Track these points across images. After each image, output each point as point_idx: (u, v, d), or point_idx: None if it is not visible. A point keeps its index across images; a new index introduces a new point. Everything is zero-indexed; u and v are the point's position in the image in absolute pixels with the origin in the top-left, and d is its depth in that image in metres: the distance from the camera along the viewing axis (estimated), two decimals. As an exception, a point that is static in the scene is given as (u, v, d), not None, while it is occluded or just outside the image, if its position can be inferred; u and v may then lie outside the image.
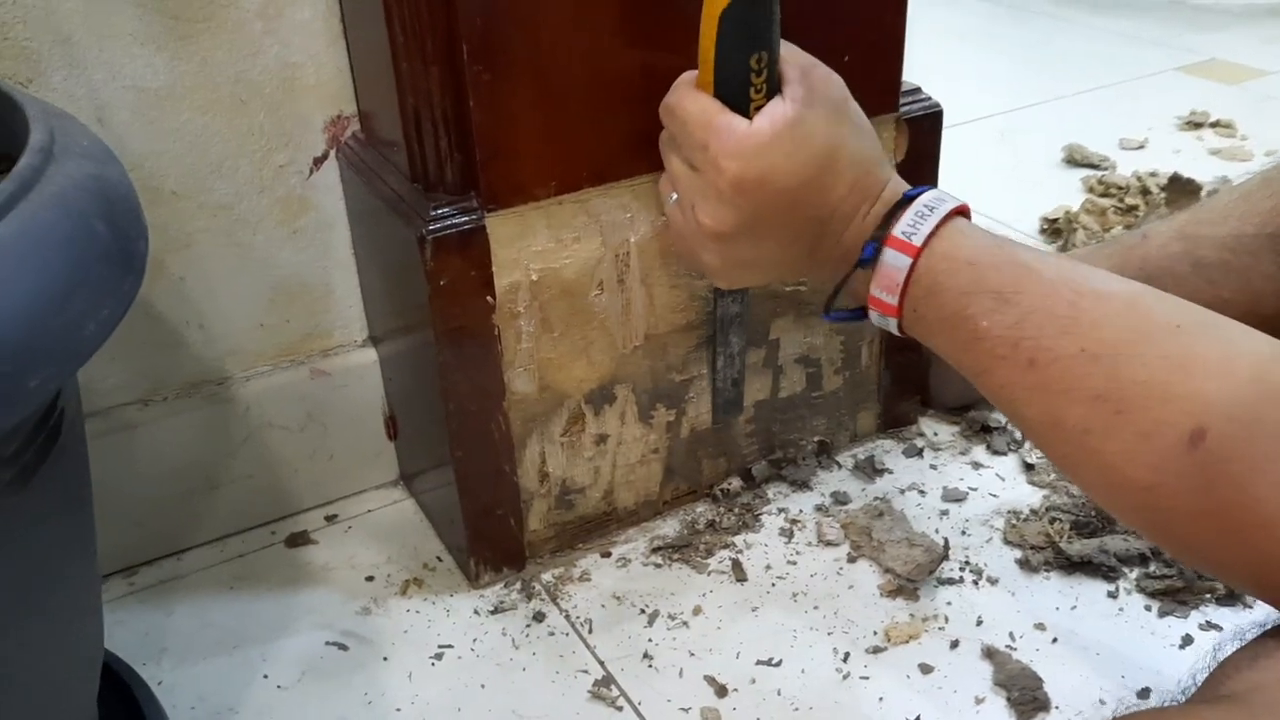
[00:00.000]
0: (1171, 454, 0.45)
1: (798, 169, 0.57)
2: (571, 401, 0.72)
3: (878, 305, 0.58)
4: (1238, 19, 1.78)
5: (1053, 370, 0.49)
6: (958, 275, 0.54)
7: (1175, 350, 0.47)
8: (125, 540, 0.77)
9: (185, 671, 0.70)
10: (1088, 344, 0.49)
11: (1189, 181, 1.14)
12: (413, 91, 0.62)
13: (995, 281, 0.53)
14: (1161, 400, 0.46)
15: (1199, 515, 0.45)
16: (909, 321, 0.57)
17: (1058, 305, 0.51)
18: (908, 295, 0.56)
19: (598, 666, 0.68)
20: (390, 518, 0.82)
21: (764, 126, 0.57)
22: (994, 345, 0.52)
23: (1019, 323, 0.51)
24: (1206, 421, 0.44)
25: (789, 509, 0.79)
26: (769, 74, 0.58)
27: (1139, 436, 0.46)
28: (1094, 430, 0.48)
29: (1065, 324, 0.50)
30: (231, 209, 0.73)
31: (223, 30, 0.68)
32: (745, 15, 0.57)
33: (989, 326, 0.52)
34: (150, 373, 0.75)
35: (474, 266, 0.65)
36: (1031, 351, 0.50)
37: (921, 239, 0.55)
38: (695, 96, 0.59)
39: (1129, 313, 0.50)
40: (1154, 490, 0.46)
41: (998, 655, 0.67)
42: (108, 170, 0.45)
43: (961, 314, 0.53)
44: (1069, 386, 0.49)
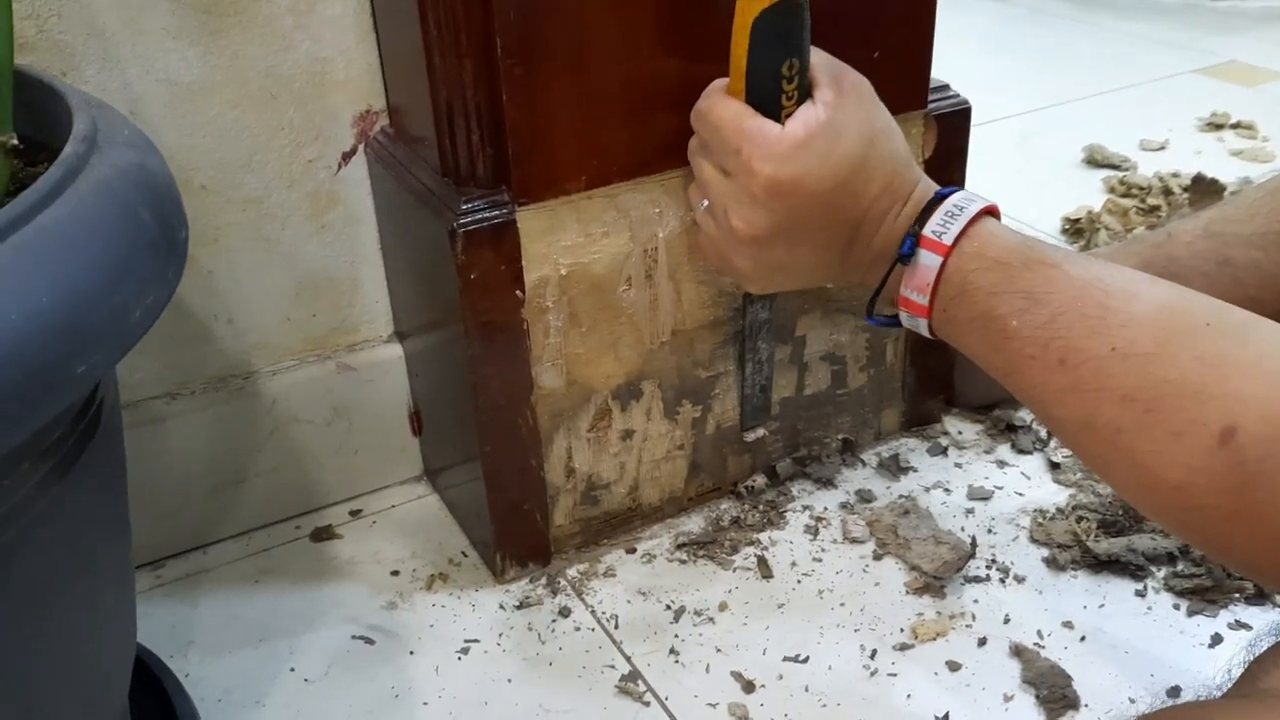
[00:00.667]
0: (1203, 453, 0.45)
1: (831, 171, 0.58)
2: (599, 397, 0.72)
3: (908, 306, 0.58)
4: (1256, 22, 1.78)
5: (1083, 370, 0.49)
6: (988, 274, 0.54)
7: (1207, 350, 0.47)
8: (152, 533, 0.77)
9: (212, 664, 0.70)
10: (1118, 343, 0.49)
11: (1213, 182, 1.14)
12: (445, 85, 0.63)
13: (1025, 281, 0.53)
14: (1194, 400, 0.46)
15: (1232, 516, 0.44)
16: (939, 322, 0.58)
17: (1088, 305, 0.51)
18: (938, 295, 0.56)
19: (624, 662, 0.68)
20: (414, 513, 0.82)
21: (797, 130, 0.58)
22: (1024, 345, 0.52)
23: (1049, 322, 0.51)
24: (1238, 420, 0.44)
25: (814, 506, 0.79)
26: (800, 80, 0.59)
27: (1171, 435, 0.46)
28: (1125, 430, 0.48)
29: (1095, 324, 0.50)
30: (260, 203, 0.73)
31: (254, 25, 0.68)
32: (778, 24, 0.58)
33: (1019, 326, 0.52)
34: (178, 366, 0.75)
35: (504, 260, 0.65)
36: (1062, 351, 0.50)
37: (951, 238, 0.56)
38: (727, 102, 0.60)
39: (1159, 312, 0.50)
40: (1186, 490, 0.46)
41: (1026, 653, 0.67)
42: (149, 159, 0.45)
43: (991, 314, 0.54)
44: (1100, 386, 0.49)
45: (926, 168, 0.76)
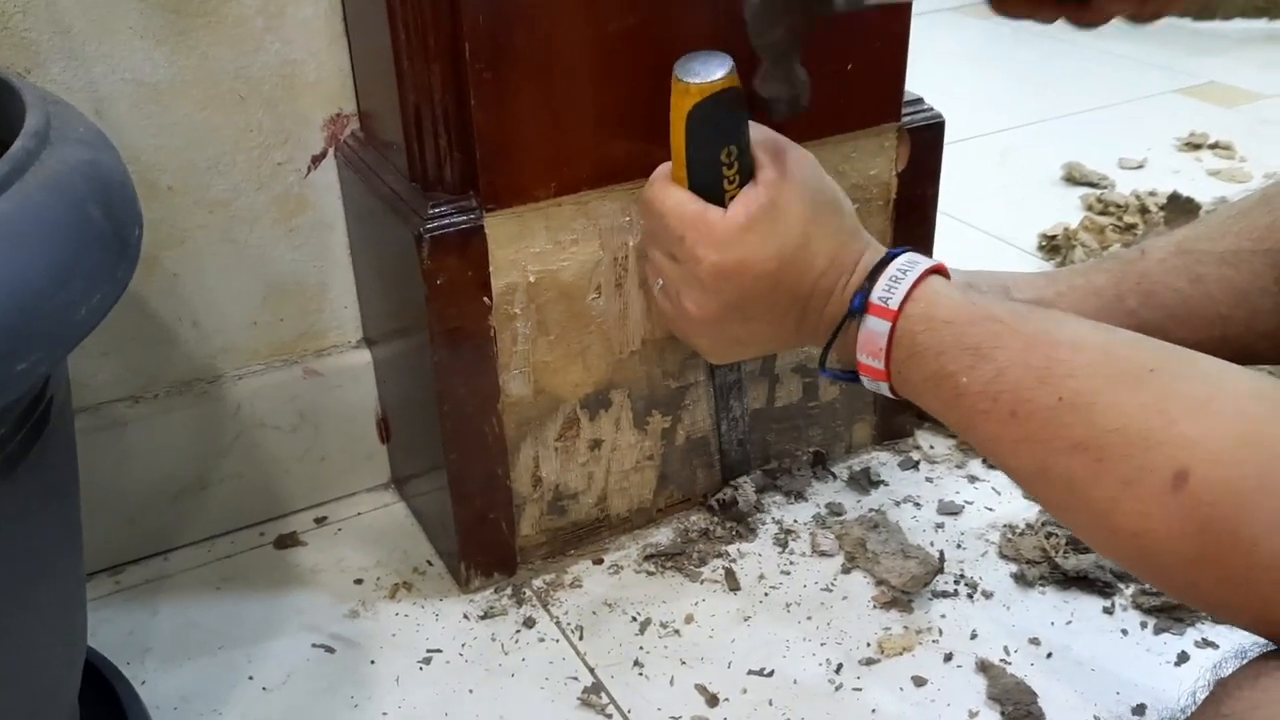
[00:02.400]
0: (1156, 499, 0.45)
1: (775, 252, 0.59)
2: (567, 406, 0.72)
3: (866, 371, 0.59)
4: (1236, 44, 1.79)
5: (1034, 422, 0.50)
6: (935, 335, 0.55)
7: (1151, 395, 0.47)
8: (112, 538, 0.76)
9: (169, 672, 0.69)
10: (1065, 393, 0.49)
11: (1188, 200, 1.14)
12: (414, 89, 0.62)
13: (972, 338, 0.54)
14: (1142, 447, 0.46)
15: (1194, 560, 0.44)
16: (897, 384, 0.59)
17: (1034, 357, 0.51)
18: (892, 358, 0.57)
19: (587, 673, 0.67)
20: (381, 521, 0.81)
21: (739, 214, 0.59)
22: (975, 400, 0.53)
23: (997, 376, 0.52)
24: (1189, 464, 0.44)
25: (783, 519, 0.79)
26: (740, 164, 0.60)
27: (1122, 484, 0.46)
28: (1078, 479, 0.48)
29: (1041, 374, 0.50)
30: (228, 206, 0.72)
31: (223, 26, 0.68)
32: (712, 115, 0.59)
33: (969, 382, 0.53)
34: (142, 369, 0.74)
35: (471, 267, 0.65)
36: (1012, 404, 0.51)
37: (897, 302, 0.57)
38: (670, 190, 0.61)
39: (1104, 360, 0.50)
40: (1143, 536, 0.46)
41: (992, 669, 0.66)
42: (103, 157, 0.45)
43: (942, 372, 0.54)
44: (1051, 436, 0.49)
45: (900, 181, 0.76)
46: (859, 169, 0.74)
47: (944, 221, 0.85)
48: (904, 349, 0.56)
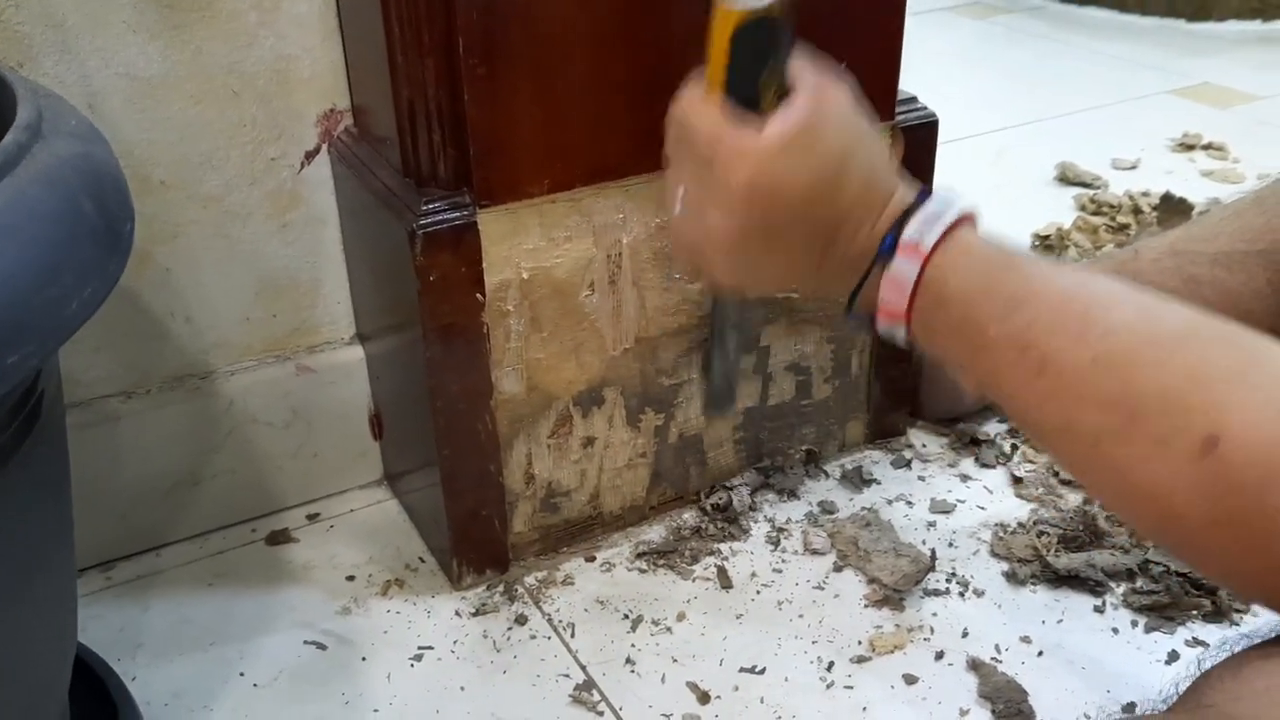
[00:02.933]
0: (1185, 461, 0.44)
1: (807, 178, 0.56)
2: (560, 403, 0.72)
3: (885, 313, 0.57)
4: (1230, 45, 1.79)
5: (1065, 377, 0.49)
6: (968, 281, 0.53)
7: (1190, 358, 0.46)
8: (104, 534, 0.76)
9: (160, 668, 0.69)
10: (1099, 352, 0.48)
11: (1181, 201, 1.14)
12: (408, 85, 0.62)
13: (1005, 287, 0.52)
14: (1178, 408, 0.45)
15: (1213, 524, 0.44)
16: (917, 329, 0.56)
17: (1069, 313, 0.50)
18: (915, 302, 0.55)
19: (579, 671, 0.67)
20: (373, 517, 0.81)
21: (774, 136, 0.56)
22: (1003, 352, 0.51)
23: (1028, 328, 0.50)
24: (1221, 430, 0.43)
25: (776, 517, 0.79)
26: (779, 85, 0.58)
27: (1153, 442, 0.45)
28: (1105, 437, 0.47)
29: (1076, 332, 0.49)
30: (221, 201, 0.72)
31: (217, 20, 0.68)
32: (759, 35, 0.57)
33: (997, 333, 0.51)
34: (134, 365, 0.74)
35: (464, 263, 0.65)
36: (1041, 359, 0.50)
37: (929, 244, 0.55)
38: (704, 105, 0.59)
39: (1140, 319, 0.49)
40: (1165, 499, 0.45)
41: (983, 667, 0.66)
42: (95, 150, 0.44)
43: (970, 319, 0.53)
44: (1080, 394, 0.48)
45: (893, 179, 0.76)
46: (853, 167, 0.74)
47: (938, 220, 0.85)
48: (931, 293, 0.55)
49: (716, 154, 0.57)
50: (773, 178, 0.56)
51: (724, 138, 0.57)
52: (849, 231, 0.58)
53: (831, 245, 0.59)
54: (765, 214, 0.57)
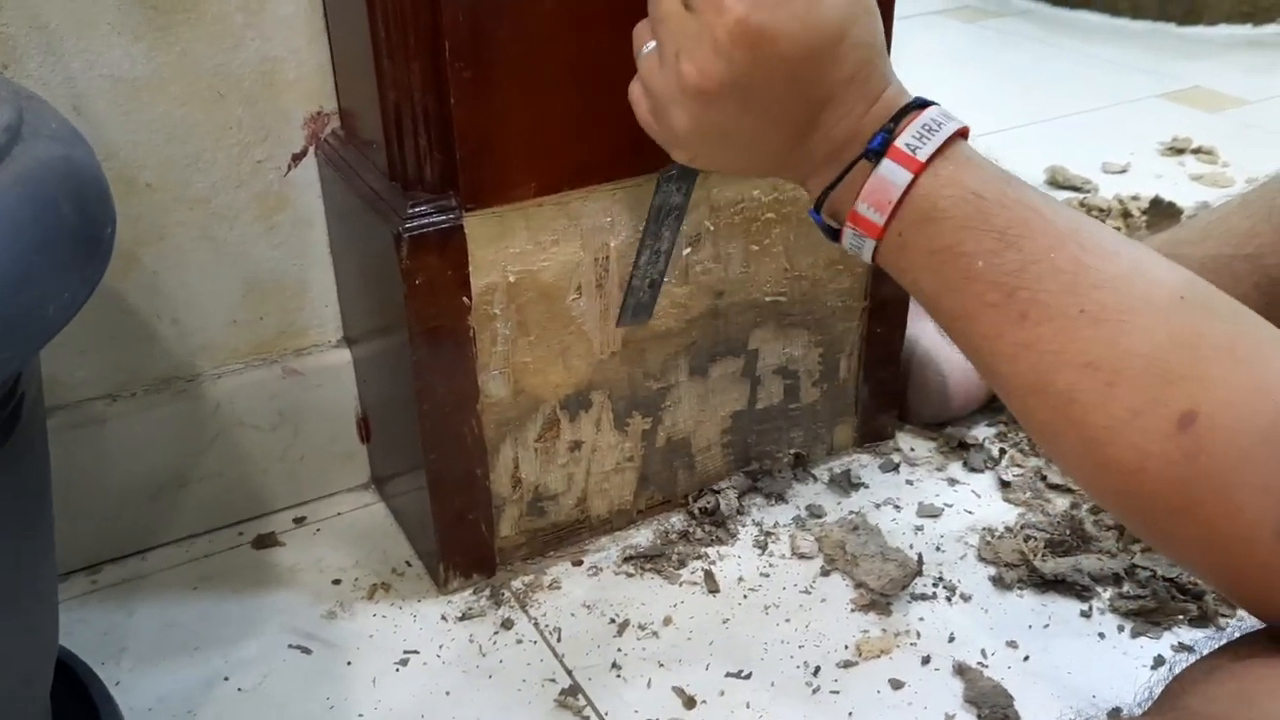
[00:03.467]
0: (1159, 435, 0.42)
1: (805, 34, 0.51)
2: (546, 407, 0.72)
3: (858, 222, 0.51)
4: (1220, 49, 1.80)
5: (1046, 328, 0.46)
6: (961, 205, 0.48)
7: (1180, 326, 0.44)
8: (89, 537, 0.75)
9: (145, 672, 0.68)
10: (1089, 305, 0.45)
11: (1170, 205, 1.14)
12: (394, 87, 0.62)
13: (1001, 220, 0.47)
14: (1161, 378, 0.42)
15: (1178, 510, 0.42)
16: (889, 248, 0.51)
17: (1063, 258, 0.46)
18: (897, 217, 0.50)
19: (565, 675, 0.67)
20: (360, 521, 0.81)
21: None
22: (986, 290, 0.47)
23: (1019, 270, 0.46)
24: (1201, 406, 0.41)
25: (764, 521, 0.79)
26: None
27: (1129, 412, 0.43)
28: (1079, 400, 0.44)
29: (1068, 280, 0.45)
30: (207, 203, 0.72)
31: (203, 22, 0.67)
32: None
33: (984, 268, 0.47)
34: (120, 367, 0.74)
35: (451, 266, 0.64)
36: (1026, 304, 0.46)
37: (926, 155, 0.49)
38: None
39: (1135, 276, 0.46)
40: (1135, 474, 0.43)
41: (969, 672, 0.66)
42: (76, 153, 0.44)
43: (956, 249, 0.48)
44: (1060, 348, 0.45)
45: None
46: (841, 171, 0.74)
47: (926, 224, 0.85)
48: (919, 211, 0.49)
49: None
50: (766, 24, 0.50)
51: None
52: (835, 112, 0.53)
53: (812, 124, 0.53)
54: (749, 65, 0.51)
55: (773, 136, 0.54)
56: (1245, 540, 0.41)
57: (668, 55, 0.53)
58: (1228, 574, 0.43)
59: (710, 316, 0.75)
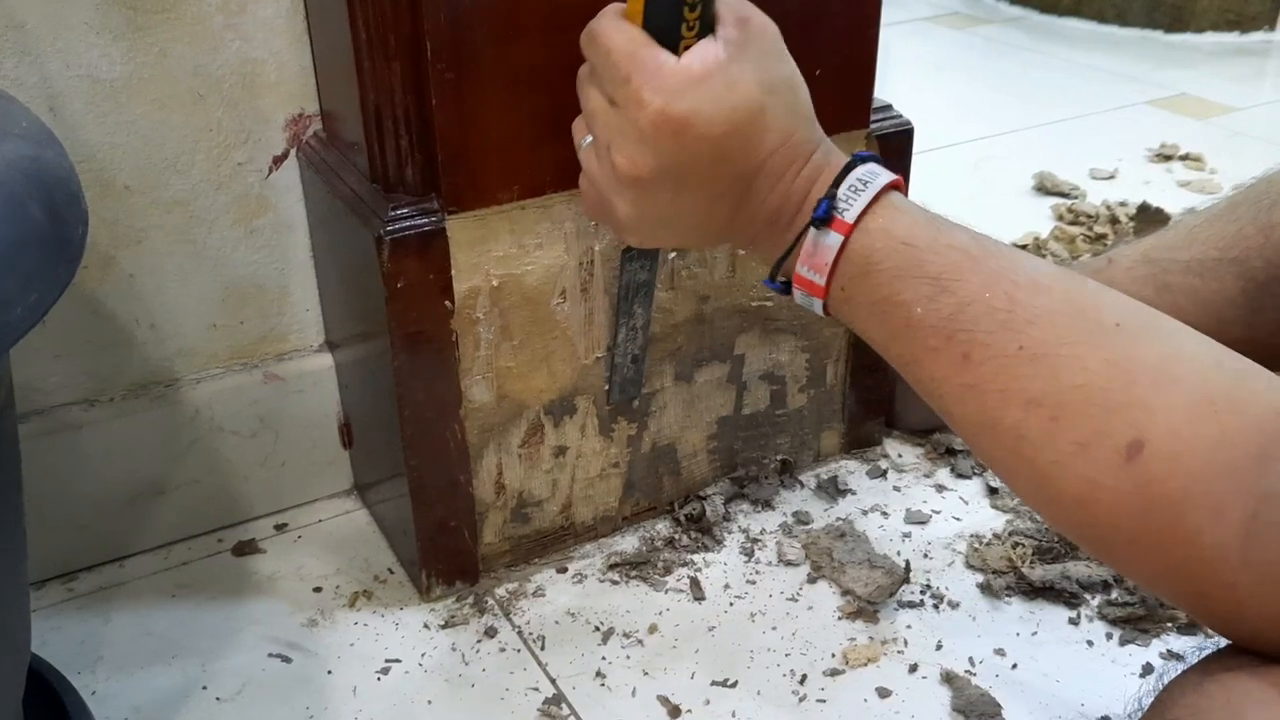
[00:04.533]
0: (1108, 467, 0.42)
1: (725, 114, 0.52)
2: (530, 412, 0.71)
3: (803, 284, 0.54)
4: (1207, 57, 1.80)
5: (988, 368, 0.46)
6: (893, 256, 0.50)
7: (1116, 354, 0.44)
8: (65, 544, 0.74)
9: (121, 681, 0.67)
10: (1026, 341, 0.45)
11: (1158, 211, 1.14)
12: (374, 89, 0.61)
13: (933, 266, 0.49)
14: (1101, 409, 0.43)
15: (1136, 539, 0.43)
16: (836, 303, 0.53)
17: (996, 297, 0.47)
18: (836, 274, 0.52)
19: (549, 684, 0.66)
20: (342, 528, 0.80)
21: (694, 65, 0.53)
22: (927, 336, 0.48)
23: (956, 313, 0.48)
24: (1146, 434, 0.42)
25: (750, 528, 0.78)
26: (703, 11, 0.54)
27: (1075, 446, 0.43)
28: (1028, 436, 0.45)
29: (1003, 319, 0.46)
30: (186, 206, 0.71)
31: (182, 23, 0.67)
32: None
33: (923, 315, 0.48)
34: (96, 372, 0.73)
35: (432, 270, 0.64)
36: (966, 346, 0.47)
37: (854, 215, 0.51)
38: (621, 26, 0.54)
39: (1069, 309, 0.46)
40: (1089, 505, 0.43)
41: (957, 680, 0.65)
42: (46, 153, 0.43)
43: (894, 299, 0.50)
44: (1004, 387, 0.46)
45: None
46: (827, 175, 0.74)
47: (914, 229, 0.84)
48: (855, 266, 0.51)
49: (630, 79, 0.53)
50: (686, 112, 0.52)
51: (638, 62, 0.53)
52: (766, 183, 0.54)
53: (746, 195, 0.55)
54: (675, 151, 0.53)
55: (711, 212, 0.56)
56: (1205, 563, 0.40)
57: (601, 149, 0.56)
58: (1194, 598, 0.42)
59: (695, 322, 0.74)
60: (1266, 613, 0.40)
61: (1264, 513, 0.39)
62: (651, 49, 0.53)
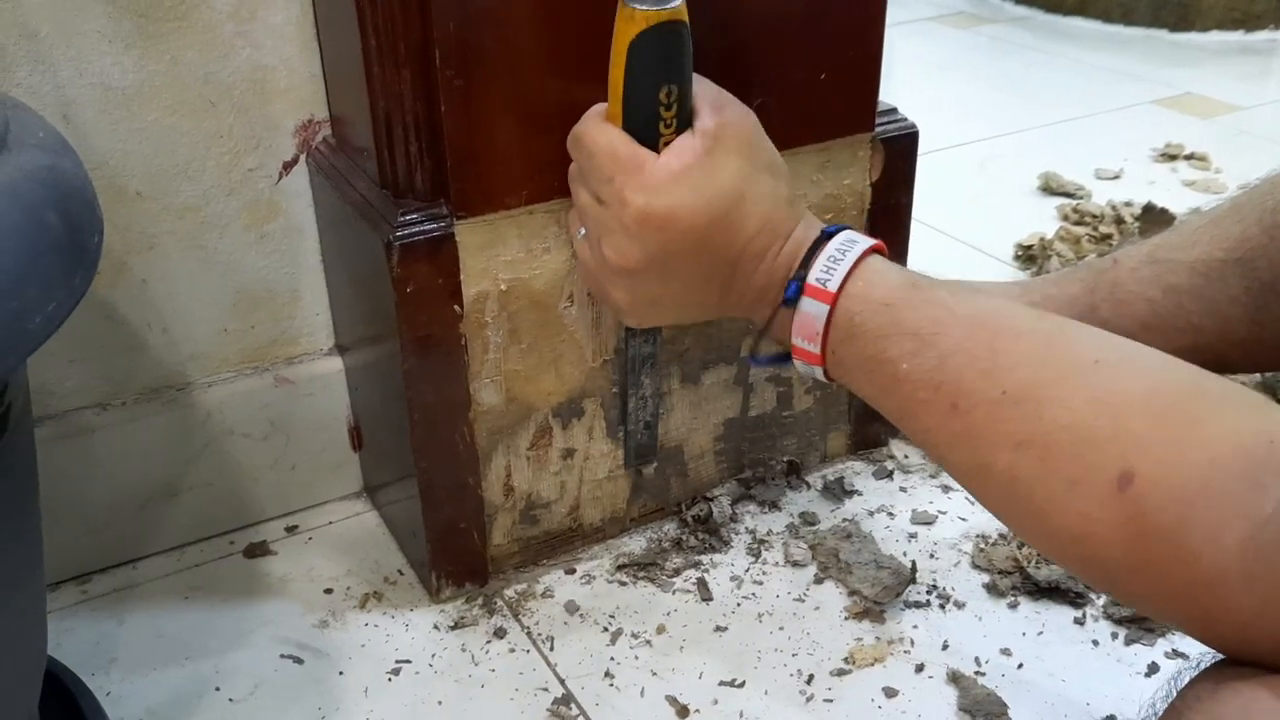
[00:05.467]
0: (1100, 501, 0.43)
1: (705, 206, 0.56)
2: (539, 415, 0.72)
3: (801, 354, 0.57)
4: (1212, 56, 1.80)
5: (975, 415, 0.48)
6: (875, 317, 0.53)
7: (1097, 390, 0.46)
8: (79, 547, 0.75)
9: (135, 683, 0.68)
10: (1009, 386, 0.47)
11: (1163, 211, 1.14)
12: (384, 95, 0.62)
13: (913, 322, 0.52)
14: (1089, 444, 0.44)
15: (1136, 568, 0.43)
16: (832, 367, 0.56)
17: (977, 346, 0.49)
18: (828, 341, 0.55)
19: (558, 684, 0.67)
20: (352, 530, 0.80)
21: (672, 162, 0.57)
22: (915, 389, 0.51)
23: (939, 365, 0.50)
24: (1135, 465, 0.42)
25: (757, 529, 0.79)
26: (679, 108, 0.57)
27: (1067, 483, 0.45)
28: (1021, 478, 0.46)
29: (985, 366, 0.48)
30: (198, 211, 0.72)
31: (193, 31, 0.67)
32: (655, 47, 0.56)
33: (909, 369, 0.51)
34: (110, 376, 0.73)
35: (442, 274, 0.64)
36: (953, 395, 0.49)
37: (836, 284, 0.54)
38: (603, 128, 0.59)
39: (1048, 351, 0.49)
40: (1086, 540, 0.44)
41: (963, 680, 0.66)
42: (62, 162, 0.44)
43: (880, 357, 0.52)
44: (992, 432, 0.48)
45: (874, 191, 0.76)
46: (833, 178, 0.74)
47: (921, 230, 0.85)
48: (841, 331, 0.54)
49: (613, 179, 0.57)
50: (668, 207, 0.56)
51: (620, 162, 0.57)
52: (750, 265, 0.58)
53: (733, 278, 0.59)
54: (661, 244, 0.57)
55: (701, 294, 0.59)
56: (1206, 587, 0.41)
57: (593, 241, 0.60)
58: (1200, 623, 0.43)
59: (702, 324, 0.74)
60: (1272, 633, 0.40)
61: (1260, 536, 0.39)
62: (632, 148, 0.57)
